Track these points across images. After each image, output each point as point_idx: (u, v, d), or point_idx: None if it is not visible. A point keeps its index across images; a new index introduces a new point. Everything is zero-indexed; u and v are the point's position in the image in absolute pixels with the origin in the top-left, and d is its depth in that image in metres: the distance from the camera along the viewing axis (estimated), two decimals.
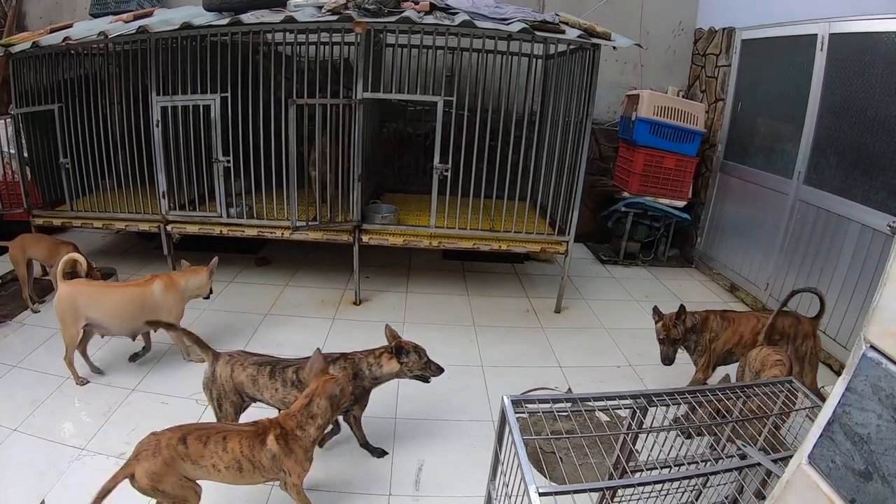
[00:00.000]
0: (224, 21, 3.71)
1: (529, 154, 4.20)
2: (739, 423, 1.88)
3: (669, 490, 1.96)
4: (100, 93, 4.28)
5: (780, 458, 1.74)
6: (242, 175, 4.29)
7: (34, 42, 3.95)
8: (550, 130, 4.44)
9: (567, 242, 4.28)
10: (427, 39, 4.07)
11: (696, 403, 1.86)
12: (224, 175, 4.12)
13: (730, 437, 2.04)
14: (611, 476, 1.97)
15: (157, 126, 4.05)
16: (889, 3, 3.51)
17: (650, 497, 1.94)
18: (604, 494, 2.13)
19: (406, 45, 4.67)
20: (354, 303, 4.37)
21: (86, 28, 4.11)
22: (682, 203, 5.50)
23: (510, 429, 1.62)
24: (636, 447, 1.99)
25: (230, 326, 3.91)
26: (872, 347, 0.91)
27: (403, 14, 3.71)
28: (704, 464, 1.99)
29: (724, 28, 5.43)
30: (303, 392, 2.16)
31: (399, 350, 2.47)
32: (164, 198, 4.23)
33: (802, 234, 4.26)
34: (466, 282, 4.96)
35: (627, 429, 1.91)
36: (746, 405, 1.95)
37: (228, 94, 3.99)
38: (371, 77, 3.91)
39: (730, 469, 1.86)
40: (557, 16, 3.99)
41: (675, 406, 1.93)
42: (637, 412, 1.90)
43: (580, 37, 3.72)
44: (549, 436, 1.81)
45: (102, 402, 2.97)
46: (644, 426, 1.90)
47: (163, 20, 3.85)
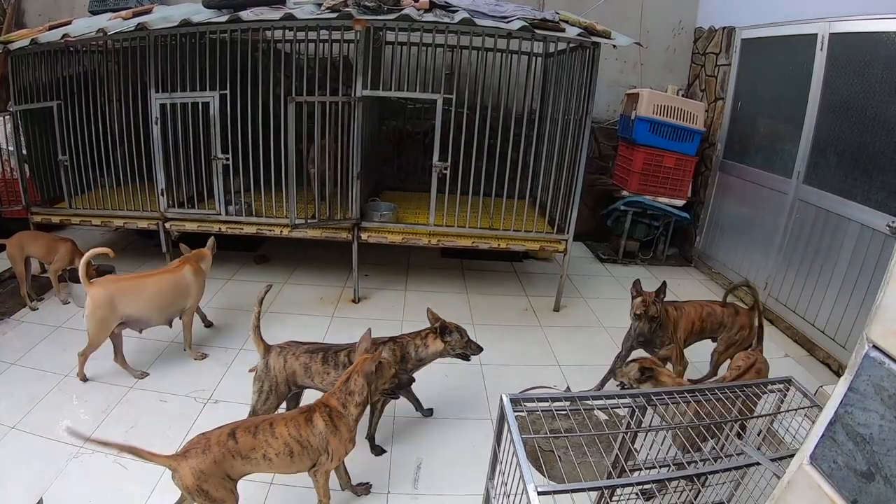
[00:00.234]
0: (223, 18, 3.70)
1: (529, 152, 4.20)
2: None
3: (668, 489, 1.97)
4: (99, 90, 4.27)
5: (780, 458, 1.74)
6: (241, 173, 4.28)
7: (33, 39, 3.93)
8: (550, 129, 4.43)
9: (566, 241, 4.28)
10: (427, 37, 4.06)
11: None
12: (223, 172, 4.11)
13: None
14: (609, 475, 1.97)
15: (156, 123, 4.04)
16: (889, 3, 3.51)
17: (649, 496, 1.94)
18: (602, 493, 2.13)
19: (406, 43, 4.65)
20: (353, 301, 4.36)
21: (85, 25, 4.09)
22: (682, 202, 5.50)
23: (509, 427, 1.62)
24: (635, 446, 1.99)
25: (229, 324, 3.90)
26: (875, 347, 0.91)
27: (403, 11, 3.70)
28: (703, 463, 1.99)
29: (724, 27, 5.42)
30: None
31: (443, 330, 2.64)
32: (163, 195, 4.22)
33: (802, 234, 4.25)
34: (465, 280, 4.96)
35: (626, 428, 1.91)
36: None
37: (227, 92, 3.98)
38: (370, 75, 3.90)
39: (728, 469, 1.86)
40: (557, 14, 3.98)
41: (675, 405, 1.93)
42: (636, 411, 1.90)
43: (580, 35, 3.71)
44: (548, 434, 1.81)
45: (101, 400, 2.97)
46: (643, 425, 1.90)
47: (162, 17, 3.83)
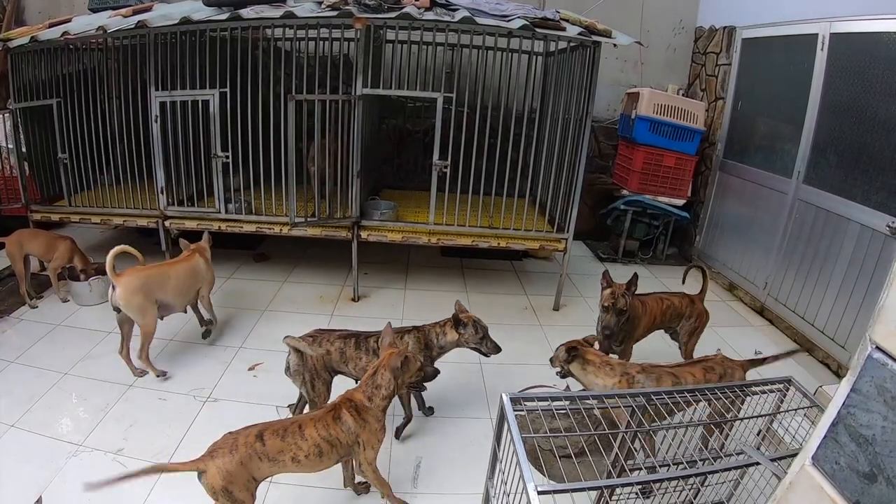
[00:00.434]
0: (223, 16, 3.69)
1: (529, 151, 4.19)
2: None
3: (668, 488, 1.97)
4: (98, 88, 4.26)
5: (779, 458, 1.74)
6: (241, 171, 4.27)
7: (33, 36, 3.92)
8: (550, 128, 4.43)
9: (566, 240, 4.27)
10: (427, 36, 4.05)
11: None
12: (223, 171, 4.10)
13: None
14: (609, 475, 1.97)
15: (156, 121, 4.03)
16: (890, 4, 3.50)
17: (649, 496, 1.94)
18: (602, 493, 2.13)
19: (406, 42, 4.65)
20: (353, 299, 4.36)
21: (85, 23, 4.08)
22: (682, 201, 5.49)
23: (509, 426, 1.62)
24: (634, 446, 1.99)
25: (228, 322, 3.90)
26: (878, 348, 0.91)
27: (403, 10, 3.69)
28: (702, 463, 1.99)
29: (725, 27, 5.42)
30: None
31: (457, 321, 2.70)
32: (163, 193, 4.21)
33: (801, 234, 4.25)
34: (465, 279, 4.96)
35: (626, 427, 1.91)
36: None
37: (227, 90, 3.97)
38: (371, 73, 3.90)
39: (727, 469, 1.86)
40: (558, 13, 3.97)
41: (675, 405, 1.93)
42: (636, 411, 1.90)
43: (581, 34, 3.71)
44: (548, 433, 1.80)
45: (100, 398, 2.96)
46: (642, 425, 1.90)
47: (162, 15, 3.82)
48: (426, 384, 2.47)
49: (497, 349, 2.77)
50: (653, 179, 5.37)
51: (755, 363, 2.49)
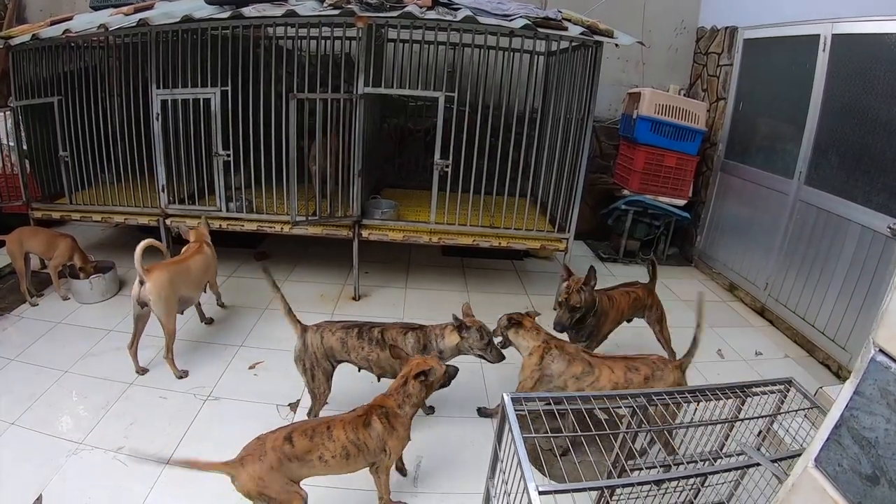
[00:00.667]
0: (225, 14, 3.69)
1: (530, 151, 4.19)
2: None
3: (668, 489, 1.97)
4: (100, 86, 4.25)
5: (780, 459, 1.74)
6: (242, 169, 4.27)
7: (34, 34, 3.92)
8: (551, 127, 4.42)
9: (567, 240, 4.27)
10: (429, 35, 4.05)
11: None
12: (224, 169, 4.10)
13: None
14: (610, 475, 1.97)
15: (157, 119, 4.03)
16: (892, 5, 3.50)
17: (649, 496, 1.94)
18: (602, 493, 2.13)
19: (408, 41, 4.64)
20: (353, 298, 4.36)
21: (86, 21, 4.08)
22: (683, 202, 5.49)
23: (510, 426, 1.62)
24: (635, 446, 1.99)
25: (228, 321, 3.90)
26: (881, 351, 0.91)
27: (405, 9, 3.69)
28: (703, 463, 1.99)
29: (727, 27, 5.41)
30: (381, 351, 2.57)
31: (460, 326, 2.65)
32: (164, 191, 4.21)
33: (802, 235, 4.25)
34: (466, 278, 4.96)
35: (627, 427, 1.91)
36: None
37: (229, 88, 3.97)
38: (372, 72, 3.89)
39: (728, 469, 1.86)
40: (560, 12, 3.97)
41: (676, 405, 1.93)
42: (637, 411, 1.90)
43: (583, 34, 3.71)
44: (549, 433, 1.81)
45: (100, 397, 2.96)
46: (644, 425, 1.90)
47: (163, 13, 3.82)
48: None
49: (501, 357, 2.71)
50: (654, 179, 5.37)
51: (690, 353, 2.50)
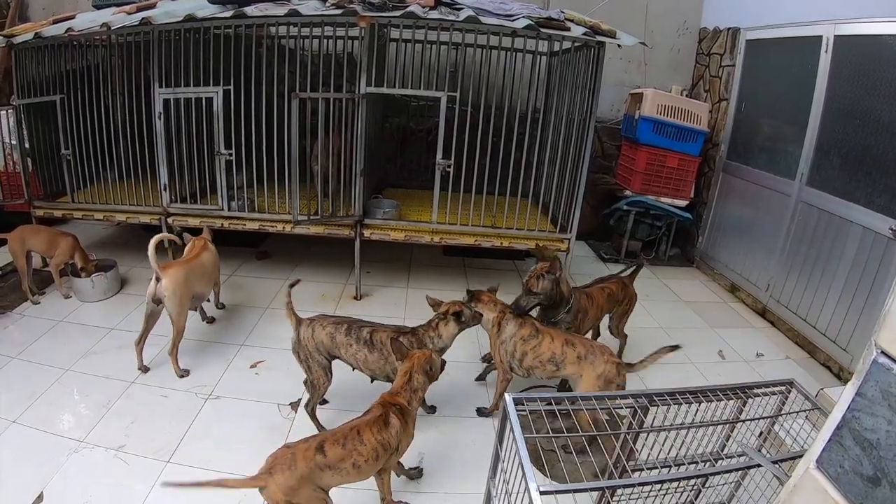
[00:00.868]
0: (228, 14, 3.69)
1: (532, 151, 4.19)
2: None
3: (669, 489, 1.97)
4: (102, 84, 4.26)
5: (781, 460, 1.74)
6: (244, 168, 4.27)
7: (37, 33, 3.93)
8: (553, 128, 4.42)
9: (569, 240, 4.27)
10: (431, 35, 4.05)
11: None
12: (226, 168, 4.11)
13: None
14: (611, 475, 1.97)
15: (160, 118, 4.03)
16: (895, 6, 3.50)
17: (650, 496, 1.94)
18: (603, 493, 2.13)
19: (410, 40, 4.64)
20: (355, 298, 4.36)
21: (89, 19, 4.08)
22: (684, 202, 5.49)
23: (511, 426, 1.62)
24: (636, 446, 1.99)
25: (230, 320, 3.90)
26: (883, 353, 0.91)
27: (408, 9, 3.69)
28: (704, 464, 1.99)
29: (729, 28, 5.41)
30: (368, 353, 2.62)
31: (458, 315, 2.74)
32: (166, 190, 4.22)
33: (804, 236, 4.25)
34: (467, 278, 4.96)
35: (628, 428, 1.91)
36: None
37: (231, 87, 3.97)
38: (374, 72, 3.90)
39: (729, 470, 1.86)
40: (563, 13, 3.97)
41: (678, 406, 1.93)
42: (638, 411, 1.90)
43: (585, 34, 3.71)
44: (550, 434, 1.80)
45: (101, 395, 2.97)
46: (644, 425, 1.90)
47: (166, 12, 3.82)
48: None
49: (480, 314, 2.87)
50: (656, 180, 5.36)
51: (632, 365, 2.63)
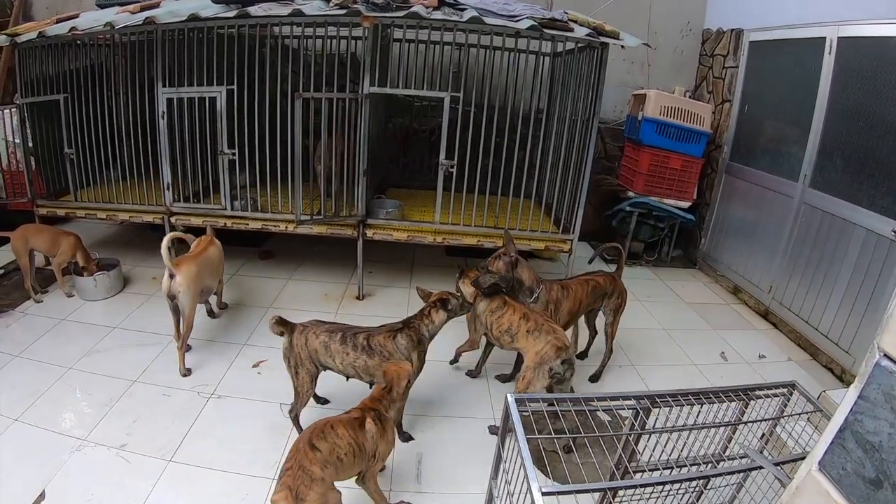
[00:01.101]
0: (231, 13, 3.69)
1: (535, 152, 4.19)
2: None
3: (671, 491, 1.97)
4: (105, 84, 4.27)
5: (783, 462, 1.74)
6: (247, 168, 4.28)
7: (40, 32, 3.94)
8: (557, 128, 4.42)
9: (571, 241, 4.27)
10: (434, 35, 4.05)
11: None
12: (229, 168, 4.11)
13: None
14: (613, 476, 1.97)
15: (163, 118, 4.04)
16: None
17: (651, 497, 1.94)
18: (605, 494, 2.14)
19: (413, 41, 4.65)
20: (357, 297, 4.37)
21: (92, 18, 4.10)
22: (687, 204, 5.48)
23: (513, 427, 1.62)
24: (638, 447, 1.99)
25: (232, 320, 3.91)
26: (886, 356, 0.91)
27: (412, 9, 3.69)
28: (706, 466, 1.99)
29: (733, 29, 5.40)
30: (368, 358, 2.59)
31: (444, 302, 2.81)
32: (169, 189, 4.23)
33: (807, 238, 4.24)
34: None
35: (630, 429, 1.91)
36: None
37: (234, 87, 3.98)
38: (378, 72, 3.90)
39: (731, 472, 1.86)
40: (566, 13, 3.97)
41: (679, 407, 1.93)
42: (640, 413, 1.90)
43: (589, 35, 3.71)
44: (552, 434, 1.81)
45: (103, 394, 2.97)
46: (647, 427, 1.90)
47: (169, 11, 3.83)
48: None
49: (470, 303, 2.99)
50: (658, 181, 5.36)
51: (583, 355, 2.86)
